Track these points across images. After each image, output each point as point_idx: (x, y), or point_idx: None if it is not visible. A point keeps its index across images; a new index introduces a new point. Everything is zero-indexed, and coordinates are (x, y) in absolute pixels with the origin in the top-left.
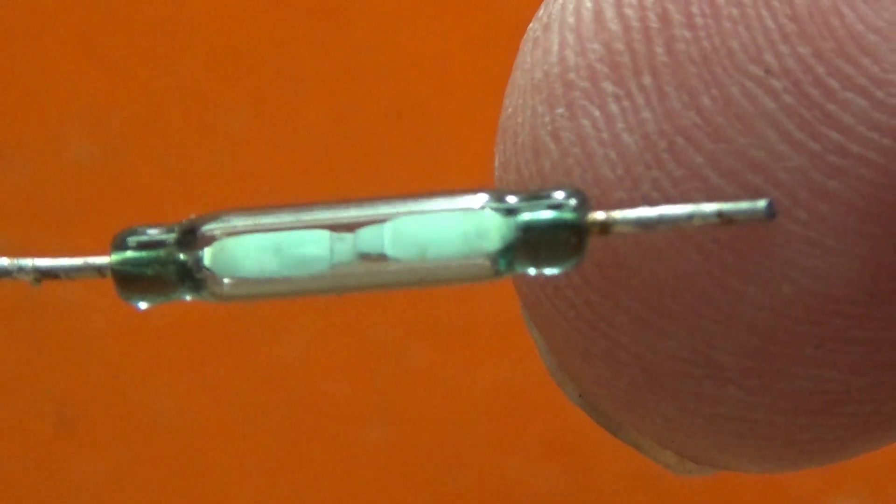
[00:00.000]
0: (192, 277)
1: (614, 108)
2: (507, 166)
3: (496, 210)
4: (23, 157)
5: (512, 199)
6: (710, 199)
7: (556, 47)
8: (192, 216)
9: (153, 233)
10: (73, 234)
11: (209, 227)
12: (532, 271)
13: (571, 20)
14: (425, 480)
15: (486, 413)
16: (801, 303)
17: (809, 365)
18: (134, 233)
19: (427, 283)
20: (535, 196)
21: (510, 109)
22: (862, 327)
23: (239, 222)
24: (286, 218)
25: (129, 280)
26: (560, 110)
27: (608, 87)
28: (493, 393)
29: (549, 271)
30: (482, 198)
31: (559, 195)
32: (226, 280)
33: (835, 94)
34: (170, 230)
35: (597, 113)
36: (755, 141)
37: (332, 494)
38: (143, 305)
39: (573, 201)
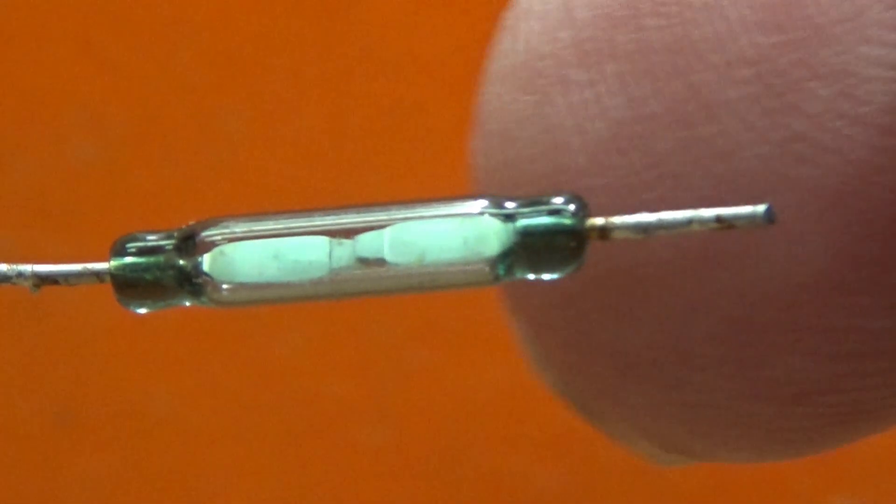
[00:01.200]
0: (191, 283)
1: (581, 95)
2: (477, 153)
3: (495, 215)
4: (23, 157)
5: (511, 205)
6: (674, 192)
7: (525, 35)
8: (192, 222)
9: (152, 238)
10: (74, 234)
11: (208, 233)
12: (531, 276)
13: (541, 8)
14: (425, 480)
15: (486, 413)
16: (769, 290)
17: (781, 353)
18: (133, 238)
19: (426, 288)
20: (534, 201)
21: (483, 97)
22: (831, 316)
23: (238, 228)
24: (285, 223)
25: (128, 286)
26: (528, 98)
27: (576, 74)
28: (493, 393)
29: (548, 276)
30: (481, 203)
31: (558, 200)
32: (225, 286)
33: (798, 84)
34: (169, 236)
35: (564, 101)
36: (720, 129)
37: (331, 494)
38: (141, 311)
39: (572, 206)
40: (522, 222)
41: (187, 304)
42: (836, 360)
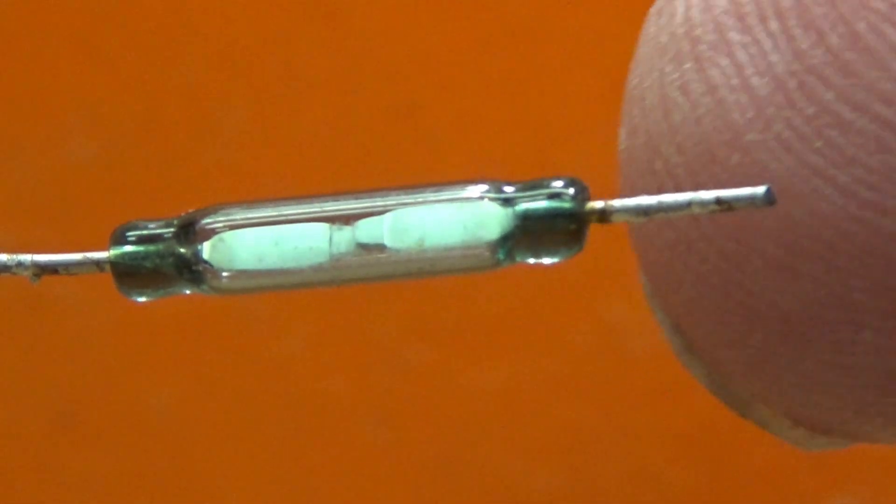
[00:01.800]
0: (191, 271)
1: (742, 55)
2: (635, 132)
3: (495, 200)
4: (23, 157)
5: (510, 189)
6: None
7: (681, 9)
8: (191, 210)
9: (152, 227)
10: (74, 233)
11: (208, 220)
12: (532, 261)
13: None
14: (424, 480)
15: (486, 413)
16: None
17: None
18: (133, 227)
19: (426, 273)
20: (533, 185)
21: (636, 79)
22: None
23: (238, 215)
24: (285, 210)
25: (127, 274)
26: (688, 65)
27: (735, 36)
28: (493, 393)
29: (549, 260)
30: (481, 188)
31: (557, 184)
32: (225, 273)
33: None
34: (168, 224)
35: (725, 62)
36: (884, 73)
37: (331, 494)
38: (141, 299)
39: (571, 190)
40: (522, 206)
41: (187, 291)
42: None
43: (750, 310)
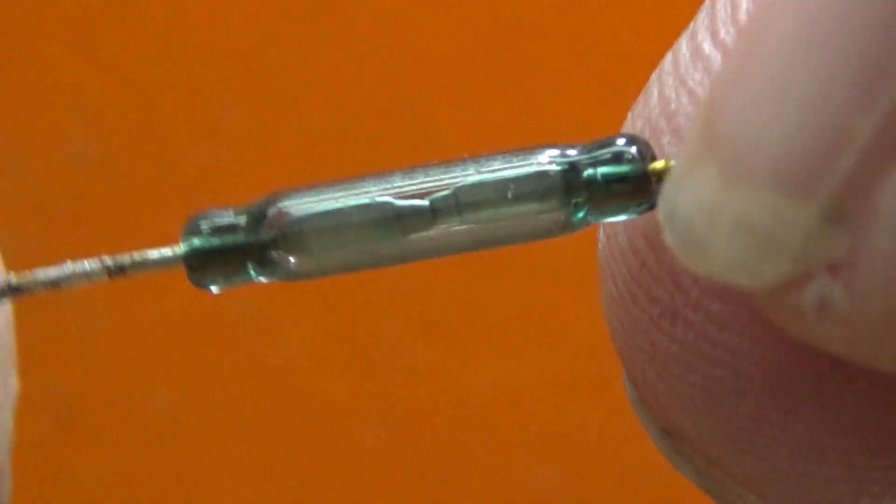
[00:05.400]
0: (265, 258)
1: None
2: None
3: (564, 163)
4: (23, 157)
5: (575, 152)
6: None
7: (655, 92)
8: (267, 196)
9: (224, 216)
10: (74, 234)
11: (279, 206)
12: (605, 220)
13: (668, 66)
14: (425, 480)
15: (486, 413)
16: None
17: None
18: (205, 217)
19: (500, 241)
20: (598, 146)
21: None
22: None
23: (308, 198)
24: (354, 190)
25: (201, 265)
26: (666, 139)
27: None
28: (493, 393)
29: (622, 218)
30: (550, 153)
31: (620, 142)
32: (299, 258)
33: None
34: (240, 212)
35: None
36: None
37: (332, 494)
38: (215, 289)
39: (634, 149)
40: (591, 168)
41: (263, 280)
42: None
43: (738, 374)
